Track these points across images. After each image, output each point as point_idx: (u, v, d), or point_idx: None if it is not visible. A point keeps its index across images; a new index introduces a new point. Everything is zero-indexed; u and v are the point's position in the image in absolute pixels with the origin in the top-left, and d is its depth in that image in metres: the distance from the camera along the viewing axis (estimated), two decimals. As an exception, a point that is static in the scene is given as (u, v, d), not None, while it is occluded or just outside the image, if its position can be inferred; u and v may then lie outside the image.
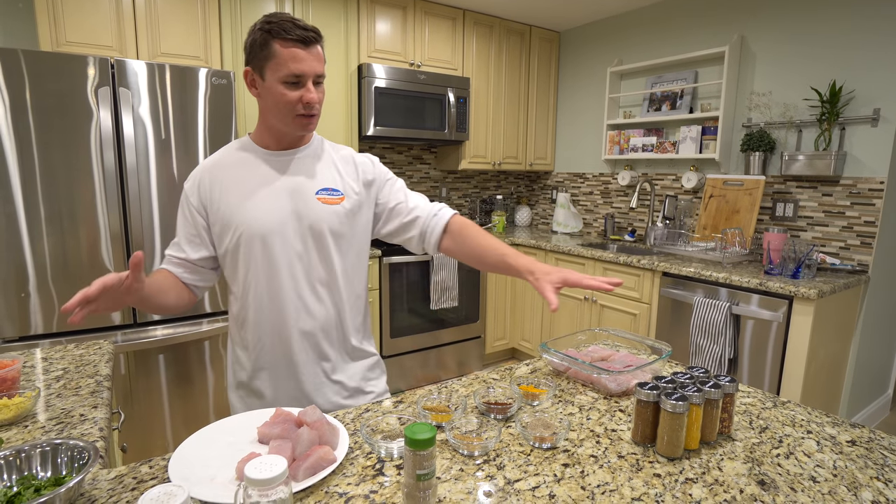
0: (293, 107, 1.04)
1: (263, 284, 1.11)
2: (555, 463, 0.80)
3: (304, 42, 1.01)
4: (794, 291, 2.12)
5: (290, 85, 1.03)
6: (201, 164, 1.15)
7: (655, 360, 1.10)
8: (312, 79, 1.04)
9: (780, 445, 0.86)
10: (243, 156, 1.13)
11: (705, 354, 2.43)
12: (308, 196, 1.11)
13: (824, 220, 2.60)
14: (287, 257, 1.10)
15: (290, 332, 1.12)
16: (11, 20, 2.46)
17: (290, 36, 0.99)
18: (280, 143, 1.13)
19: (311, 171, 1.14)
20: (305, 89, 1.03)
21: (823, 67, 2.54)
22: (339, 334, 1.18)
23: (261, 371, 1.15)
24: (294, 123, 1.07)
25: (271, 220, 1.09)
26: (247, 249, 1.09)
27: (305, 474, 0.74)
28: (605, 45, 3.64)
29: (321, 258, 1.13)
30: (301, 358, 1.14)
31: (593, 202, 3.85)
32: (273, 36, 1.00)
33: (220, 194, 1.10)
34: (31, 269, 2.01)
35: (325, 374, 1.17)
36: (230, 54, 2.63)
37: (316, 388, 1.16)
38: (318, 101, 1.06)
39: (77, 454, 0.71)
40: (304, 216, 1.10)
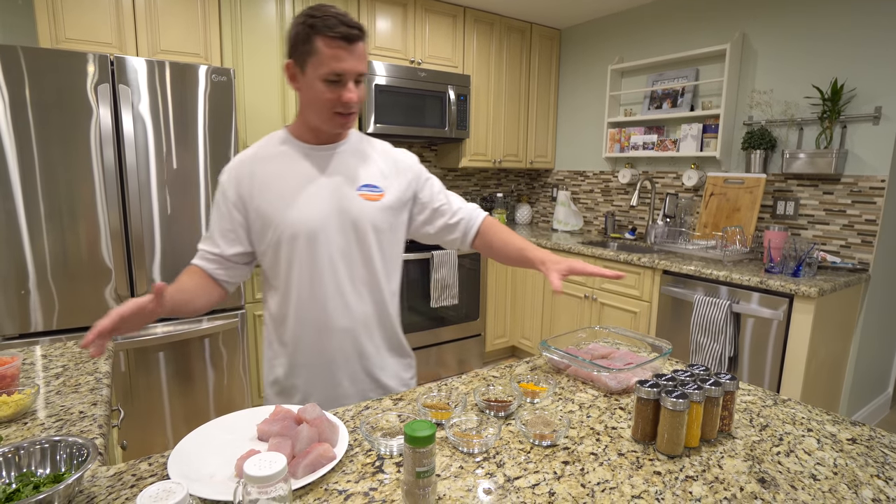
0: (332, 105, 1.03)
1: (306, 282, 1.10)
2: (555, 460, 0.80)
3: (348, 39, 0.98)
4: (794, 290, 2.12)
5: (330, 83, 1.00)
6: (239, 158, 1.13)
7: (656, 358, 1.10)
8: (353, 77, 1.01)
9: (780, 443, 0.86)
10: (283, 150, 1.12)
11: (706, 352, 2.43)
12: (350, 192, 1.11)
13: (825, 219, 2.59)
14: (329, 255, 1.09)
15: (331, 329, 1.12)
16: (10, 16, 2.46)
17: (333, 33, 0.96)
18: (319, 138, 1.12)
19: (352, 166, 1.13)
20: (346, 88, 1.01)
21: (825, 65, 2.53)
22: (379, 331, 1.18)
23: (298, 368, 1.15)
24: (331, 121, 1.06)
25: (314, 217, 1.08)
26: (289, 247, 1.08)
27: (305, 471, 0.74)
28: (605, 43, 3.63)
29: (362, 255, 1.13)
30: (340, 355, 1.14)
31: (594, 200, 3.84)
32: (316, 31, 0.97)
33: (261, 190, 1.08)
34: (31, 266, 2.00)
35: (365, 372, 1.18)
36: (230, 51, 2.62)
37: (353, 384, 1.16)
38: (358, 101, 1.04)
39: (76, 451, 0.71)
40: (346, 213, 1.10)
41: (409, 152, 1.24)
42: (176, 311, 0.99)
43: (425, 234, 1.24)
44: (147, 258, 2.20)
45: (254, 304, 2.61)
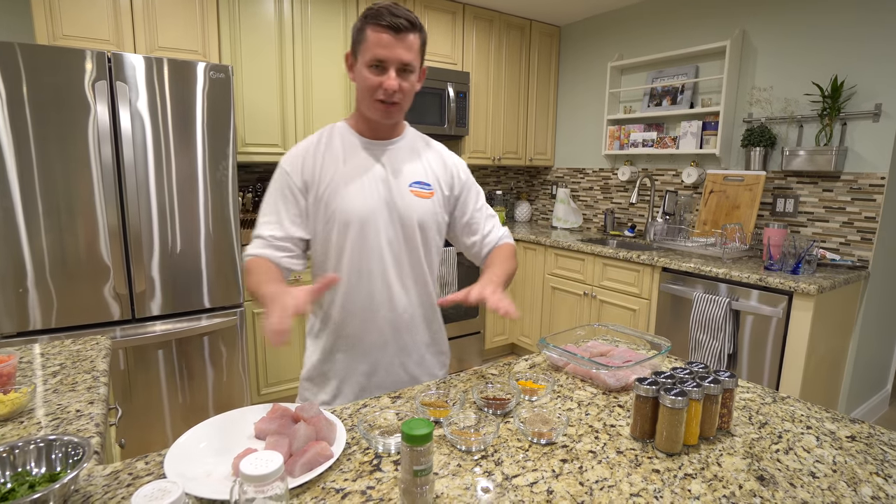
0: (373, 91, 1.05)
1: (355, 269, 1.13)
2: (553, 458, 0.80)
3: (394, 29, 1.01)
4: (794, 287, 2.12)
5: (373, 69, 1.04)
6: (301, 145, 1.16)
7: (654, 356, 1.10)
8: (396, 66, 1.03)
9: (779, 441, 0.86)
10: (342, 140, 1.16)
11: (705, 350, 2.43)
12: (402, 187, 1.14)
13: (825, 216, 2.59)
14: (378, 245, 1.13)
15: (374, 318, 1.15)
16: (7, 13, 2.45)
17: (381, 21, 1.01)
18: (375, 132, 1.15)
19: (406, 162, 1.17)
20: (387, 75, 1.03)
21: (825, 62, 2.52)
22: (421, 326, 1.22)
23: (336, 353, 1.18)
24: (373, 108, 1.08)
25: (366, 207, 1.11)
26: (341, 234, 1.12)
27: (302, 470, 0.73)
28: (605, 40, 3.62)
29: (409, 249, 1.16)
30: (379, 345, 1.17)
31: (593, 197, 3.84)
32: (367, 21, 1.03)
33: (321, 176, 1.12)
34: (29, 264, 2.00)
35: (401, 365, 1.20)
36: (228, 48, 2.61)
37: (388, 375, 1.19)
38: (402, 91, 1.06)
39: (71, 450, 0.71)
40: (396, 207, 1.13)
41: (460, 159, 1.28)
42: None
43: (453, 237, 1.31)
44: (146, 256, 2.20)
45: (252, 301, 2.61)
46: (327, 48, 2.91)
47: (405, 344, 1.19)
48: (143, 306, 2.22)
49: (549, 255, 3.30)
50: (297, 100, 2.85)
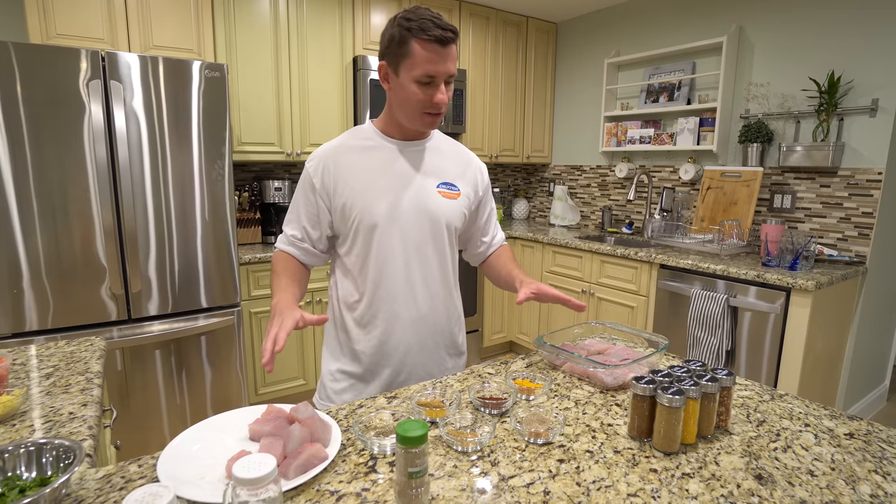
0: (423, 106, 1.06)
1: (379, 270, 1.14)
2: (550, 458, 0.79)
3: (442, 42, 1.00)
4: (791, 283, 2.11)
5: (423, 85, 1.03)
6: (325, 147, 1.17)
7: (652, 354, 1.09)
8: (445, 79, 1.04)
9: (777, 439, 0.85)
10: (369, 143, 1.16)
11: (703, 347, 2.43)
12: (429, 188, 1.15)
13: (822, 212, 2.59)
14: (404, 247, 1.13)
15: (398, 319, 1.16)
16: (1, 12, 2.42)
17: (428, 36, 0.99)
18: (404, 135, 1.16)
19: (433, 164, 1.18)
20: (438, 90, 1.04)
21: (822, 57, 2.52)
22: (443, 328, 1.22)
23: (361, 355, 1.18)
24: (420, 121, 1.09)
25: (393, 208, 1.12)
26: (367, 235, 1.12)
27: (296, 472, 0.73)
28: (602, 36, 3.61)
29: (436, 251, 1.17)
30: (402, 347, 1.17)
31: (591, 195, 3.83)
32: (413, 34, 1.00)
33: (345, 179, 1.13)
34: (25, 265, 1.99)
35: (422, 366, 1.21)
36: (223, 47, 2.60)
37: (409, 377, 1.20)
38: (448, 102, 1.08)
39: (62, 454, 0.70)
40: (424, 208, 1.14)
41: (480, 161, 1.29)
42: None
43: (465, 239, 1.33)
44: (142, 256, 2.18)
45: (249, 301, 2.60)
46: (323, 46, 2.89)
47: (427, 346, 1.20)
48: (139, 306, 2.21)
49: (546, 253, 3.30)
50: (292, 98, 2.83)
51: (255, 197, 2.95)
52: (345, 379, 1.21)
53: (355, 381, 1.20)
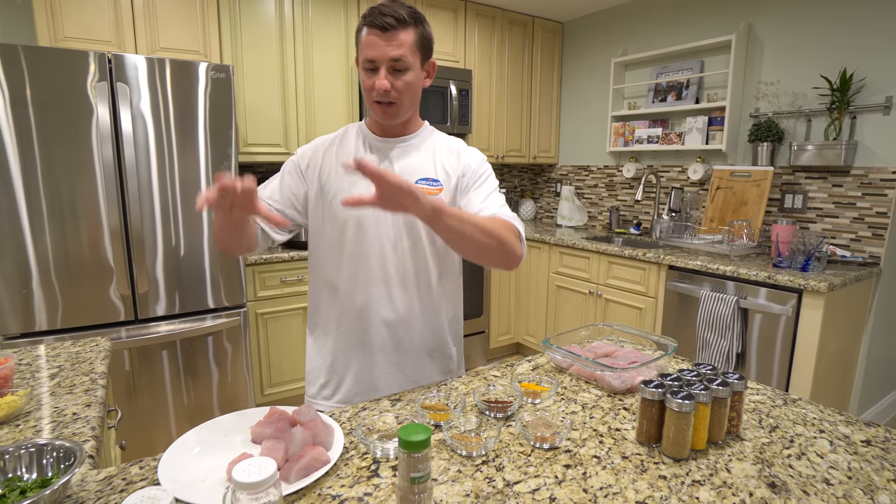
0: (369, 93, 1.05)
1: (352, 268, 1.12)
2: (556, 464, 0.78)
3: (381, 28, 0.99)
4: (803, 285, 2.08)
5: (367, 71, 1.04)
6: (316, 139, 1.19)
7: (661, 357, 1.07)
8: (387, 65, 1.01)
9: (791, 445, 0.83)
10: (352, 139, 1.16)
11: (712, 349, 2.40)
12: None
13: (834, 212, 2.55)
14: (379, 245, 1.11)
15: (372, 319, 1.13)
16: (9, 16, 2.44)
17: (372, 21, 1.00)
18: (384, 130, 1.14)
19: (414, 159, 1.14)
20: (378, 76, 1.02)
21: (834, 55, 2.48)
22: (421, 329, 1.17)
23: (335, 354, 1.16)
24: (373, 109, 1.08)
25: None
26: (339, 231, 1.11)
27: (298, 476, 0.72)
28: (609, 36, 3.58)
29: (413, 248, 1.13)
30: (378, 348, 1.15)
31: (598, 195, 3.80)
32: (364, 21, 1.02)
33: (327, 172, 1.13)
34: (34, 266, 2.00)
35: (399, 369, 1.16)
36: (229, 48, 2.60)
37: (386, 379, 1.16)
38: (396, 90, 1.03)
39: (63, 455, 0.69)
40: None
41: (476, 151, 1.19)
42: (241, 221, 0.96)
43: None
44: (148, 257, 2.19)
45: (255, 302, 2.60)
46: (328, 47, 2.89)
47: (404, 348, 1.16)
48: (145, 307, 2.22)
49: (553, 254, 3.28)
50: (298, 99, 2.83)
51: (262, 198, 2.95)
52: (320, 379, 1.20)
53: (329, 382, 1.18)
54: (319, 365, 1.20)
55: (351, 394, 1.17)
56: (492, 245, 0.97)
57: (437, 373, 1.22)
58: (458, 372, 1.27)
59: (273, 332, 2.68)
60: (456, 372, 1.27)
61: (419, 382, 1.20)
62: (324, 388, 1.20)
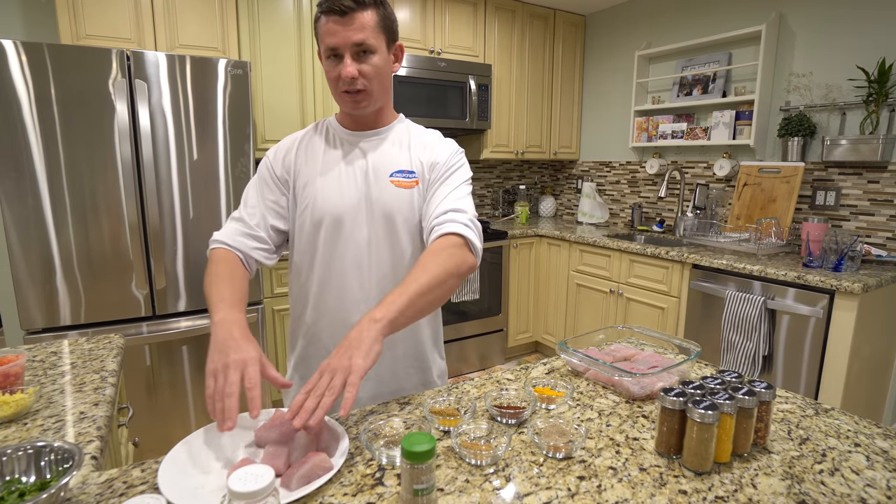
0: (336, 83, 1.00)
1: (326, 271, 1.06)
2: (569, 475, 0.74)
3: (339, 12, 0.93)
4: (835, 285, 1.99)
5: (330, 60, 0.98)
6: (286, 138, 1.13)
7: (683, 361, 1.02)
8: (350, 51, 0.95)
9: (823, 460, 0.77)
10: (323, 135, 1.11)
11: (738, 351, 2.31)
12: (382, 179, 1.05)
13: (870, 209, 2.43)
14: (355, 244, 1.05)
15: (348, 323, 1.04)
16: (33, 14, 2.49)
17: (329, 7, 0.94)
18: (356, 123, 1.09)
19: (387, 153, 1.08)
20: (343, 63, 0.96)
21: (871, 44, 2.36)
22: (400, 337, 1.09)
23: (309, 360, 1.11)
24: (341, 100, 1.03)
25: (341, 202, 1.04)
26: (313, 232, 1.06)
27: (299, 483, 0.69)
28: (633, 28, 3.49)
29: (391, 247, 1.06)
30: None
31: (620, 191, 3.72)
32: (319, 10, 0.97)
33: (300, 169, 1.08)
34: (58, 261, 2.03)
35: (377, 377, 1.09)
36: (248, 44, 2.60)
37: (364, 389, 1.09)
38: (365, 76, 0.98)
39: (62, 457, 0.68)
40: (375, 200, 1.05)
41: (451, 142, 1.12)
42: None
43: None
44: (168, 253, 2.21)
45: (272, 298, 2.61)
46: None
47: (384, 358, 1.07)
48: (164, 303, 2.24)
49: (573, 251, 3.21)
50: (315, 95, 2.83)
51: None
52: (296, 386, 1.15)
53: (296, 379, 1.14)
54: (295, 375, 1.15)
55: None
56: (448, 285, 0.93)
57: (416, 384, 1.15)
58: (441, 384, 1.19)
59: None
60: (437, 384, 1.18)
61: (398, 393, 1.13)
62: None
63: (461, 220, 0.99)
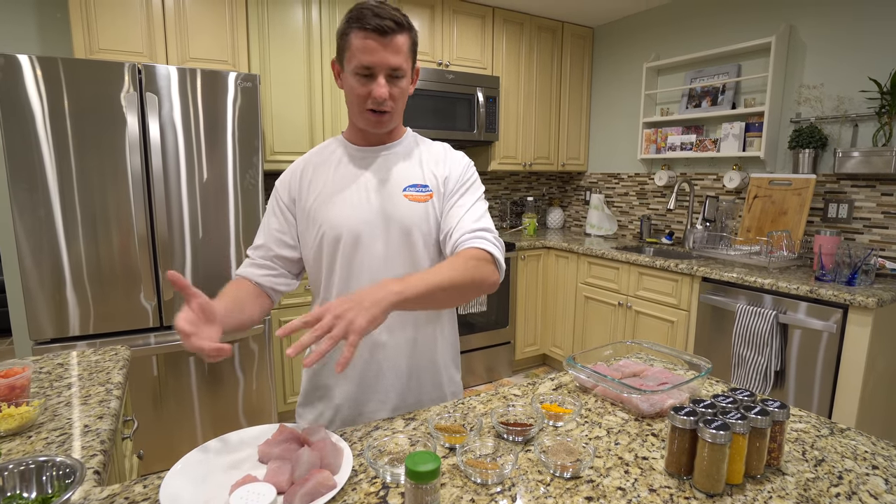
0: (363, 101, 0.99)
1: (343, 288, 1.05)
2: (577, 496, 0.72)
3: (380, 32, 0.93)
4: (849, 299, 1.95)
5: (361, 77, 0.97)
6: (295, 162, 1.13)
7: (693, 378, 1.00)
8: (385, 72, 0.96)
9: (839, 483, 0.75)
10: (333, 152, 1.11)
11: (749, 366, 2.27)
12: (395, 194, 1.05)
13: (883, 222, 2.40)
14: (371, 261, 1.04)
15: (366, 341, 1.04)
16: (49, 29, 2.53)
17: (364, 24, 0.93)
18: (367, 139, 1.09)
19: (399, 168, 1.08)
20: (376, 83, 0.96)
21: (883, 56, 2.34)
22: (421, 354, 1.10)
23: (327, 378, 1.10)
24: (363, 118, 1.02)
25: (356, 219, 1.03)
26: (330, 250, 1.05)
27: (302, 501, 0.68)
28: (641, 40, 3.49)
29: (408, 264, 1.05)
30: (372, 373, 1.07)
31: (629, 203, 3.70)
32: (350, 25, 0.95)
33: (308, 191, 1.07)
34: (68, 271, 2.05)
35: (397, 394, 1.09)
36: (257, 57, 2.63)
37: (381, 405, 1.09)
38: (392, 98, 0.99)
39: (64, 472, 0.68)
40: (390, 216, 1.04)
41: (462, 155, 1.14)
42: (229, 320, 0.96)
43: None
44: (177, 264, 2.22)
45: (279, 310, 2.61)
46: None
47: (400, 370, 1.08)
48: (171, 314, 2.24)
49: (582, 264, 3.19)
50: (325, 107, 2.85)
51: (288, 206, 2.96)
52: (313, 404, 1.13)
53: (322, 408, 1.12)
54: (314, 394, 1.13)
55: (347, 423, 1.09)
56: (468, 292, 0.94)
57: (434, 398, 1.14)
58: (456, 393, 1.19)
59: (296, 339, 2.68)
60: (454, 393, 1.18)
61: (417, 406, 1.11)
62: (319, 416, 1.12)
63: (489, 239, 1.01)
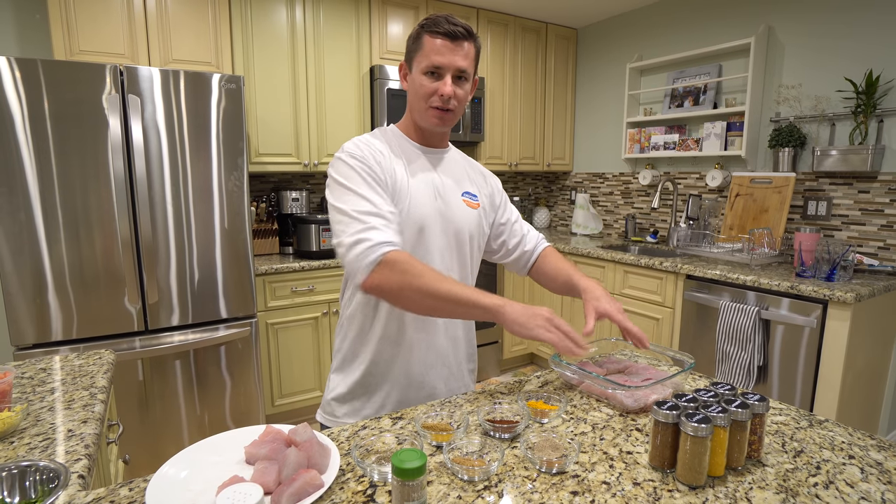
0: (429, 97, 1.05)
1: None
2: (562, 490, 0.73)
3: (451, 36, 1.02)
4: (828, 295, 2.00)
5: (429, 76, 1.04)
6: (363, 138, 1.08)
7: (677, 374, 1.02)
8: (452, 73, 1.04)
9: (817, 473, 0.77)
10: (400, 143, 1.14)
11: (732, 362, 2.31)
12: (455, 197, 1.14)
13: (861, 219, 2.45)
14: (431, 253, 1.10)
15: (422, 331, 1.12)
16: (27, 31, 2.49)
17: (438, 29, 1.02)
18: (427, 141, 1.15)
19: (456, 173, 1.17)
20: (443, 82, 1.04)
21: (858, 56, 2.40)
22: (464, 339, 1.21)
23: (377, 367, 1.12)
24: (427, 115, 1.07)
25: (424, 213, 1.09)
26: (408, 236, 1.07)
27: (289, 501, 0.68)
28: (624, 41, 3.53)
29: (459, 260, 1.15)
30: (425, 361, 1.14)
31: (613, 203, 3.74)
32: (425, 29, 1.04)
33: (395, 170, 1.07)
34: (49, 275, 2.01)
35: (444, 380, 1.17)
36: (241, 59, 2.62)
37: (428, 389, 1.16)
38: (457, 98, 1.06)
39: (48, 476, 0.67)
40: (449, 216, 1.12)
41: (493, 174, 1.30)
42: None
43: (491, 251, 1.29)
44: (161, 267, 2.20)
45: (265, 312, 2.59)
46: (340, 57, 2.90)
47: (447, 360, 1.17)
48: (157, 317, 2.22)
49: (568, 263, 3.21)
50: (309, 109, 2.84)
51: (273, 208, 2.95)
52: (347, 393, 1.15)
53: (358, 395, 1.14)
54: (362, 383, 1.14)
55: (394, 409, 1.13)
56: None
57: (471, 382, 1.26)
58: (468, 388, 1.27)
59: (283, 342, 2.66)
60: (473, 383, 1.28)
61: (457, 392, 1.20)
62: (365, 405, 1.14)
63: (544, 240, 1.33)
